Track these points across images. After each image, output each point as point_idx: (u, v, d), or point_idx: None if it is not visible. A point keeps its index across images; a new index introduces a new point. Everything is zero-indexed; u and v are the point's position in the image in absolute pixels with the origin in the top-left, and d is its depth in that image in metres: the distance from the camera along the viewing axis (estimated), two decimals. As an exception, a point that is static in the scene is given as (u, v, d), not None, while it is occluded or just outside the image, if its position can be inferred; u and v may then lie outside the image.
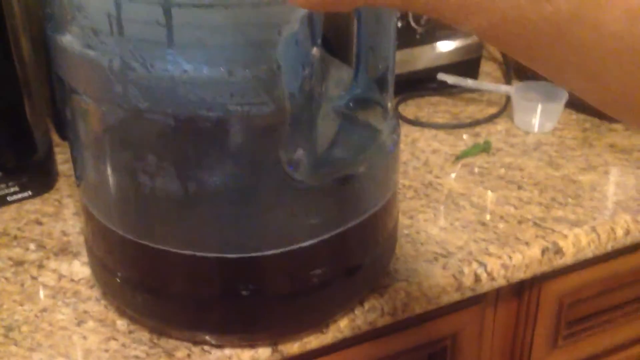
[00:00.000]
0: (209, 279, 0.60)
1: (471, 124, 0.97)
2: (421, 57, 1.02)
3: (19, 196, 0.78)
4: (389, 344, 0.74)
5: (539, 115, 0.95)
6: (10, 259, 0.71)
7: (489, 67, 1.12)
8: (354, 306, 0.67)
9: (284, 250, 0.58)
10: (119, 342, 0.62)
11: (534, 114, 0.95)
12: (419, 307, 0.70)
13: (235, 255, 0.58)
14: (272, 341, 0.64)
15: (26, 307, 0.66)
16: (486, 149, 0.91)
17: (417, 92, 1.04)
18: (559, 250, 0.76)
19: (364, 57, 0.62)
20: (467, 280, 0.72)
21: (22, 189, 0.78)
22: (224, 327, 0.62)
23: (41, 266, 0.71)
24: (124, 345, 0.62)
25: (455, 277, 0.71)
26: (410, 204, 0.81)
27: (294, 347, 0.65)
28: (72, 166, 0.82)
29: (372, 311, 0.68)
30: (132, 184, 0.56)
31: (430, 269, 0.72)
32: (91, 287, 0.68)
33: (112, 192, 0.58)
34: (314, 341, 0.66)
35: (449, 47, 1.02)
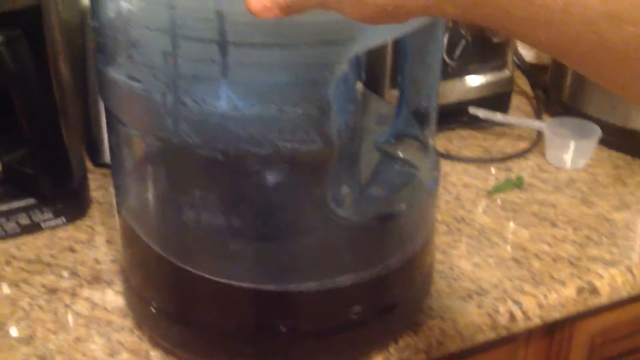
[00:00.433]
0: (245, 312, 0.59)
1: (503, 159, 0.97)
2: (452, 91, 1.02)
3: (53, 223, 0.78)
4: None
5: (572, 151, 0.94)
6: (43, 286, 0.71)
7: (518, 101, 1.12)
8: (389, 343, 0.66)
9: (322, 285, 0.58)
10: (154, 374, 0.62)
11: (567, 150, 0.95)
12: (453, 345, 0.69)
13: (273, 288, 0.57)
14: (307, 377, 0.63)
15: (60, 336, 0.65)
16: (518, 184, 0.91)
17: (448, 125, 1.04)
18: (594, 290, 0.75)
19: (407, 92, 0.62)
20: (502, 319, 0.71)
21: (56, 216, 0.78)
22: (259, 361, 0.61)
23: (74, 294, 0.70)
24: (159, 378, 0.62)
25: (490, 315, 0.71)
26: (442, 239, 0.81)
27: (328, 384, 0.64)
28: (113, 194, 0.83)
29: (407, 349, 0.67)
30: (175, 214, 0.56)
31: (464, 306, 0.71)
32: (124, 316, 0.68)
33: (153, 221, 0.58)
34: (349, 378, 0.65)
35: (480, 81, 1.02)
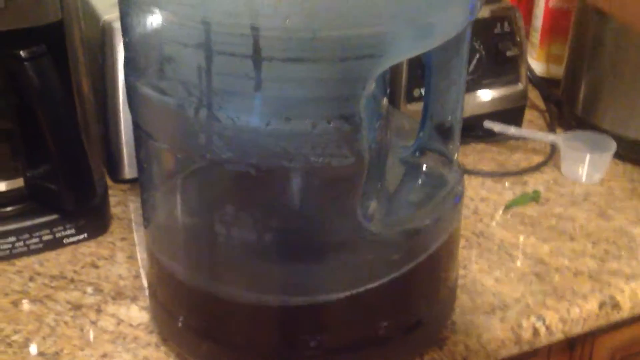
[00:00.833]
0: (273, 328, 0.59)
1: (518, 172, 0.97)
2: (467, 105, 1.01)
3: (75, 239, 0.79)
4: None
5: (587, 165, 0.95)
6: (68, 302, 0.71)
7: (530, 115, 1.12)
8: (414, 359, 0.66)
9: (350, 300, 0.58)
10: (182, 390, 0.62)
11: (582, 164, 0.95)
12: (478, 360, 0.69)
13: (303, 304, 0.58)
14: (333, 392, 0.63)
15: (87, 352, 0.65)
16: (535, 198, 0.91)
17: (462, 139, 1.03)
18: (616, 304, 0.75)
19: (432, 107, 0.63)
20: (526, 334, 0.71)
21: (78, 232, 0.78)
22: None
23: (99, 310, 0.70)
24: (187, 393, 0.62)
25: (514, 330, 0.71)
26: (463, 253, 0.81)
27: (355, 399, 0.64)
28: (133, 209, 0.83)
29: (432, 363, 0.67)
30: (205, 230, 0.56)
31: (488, 321, 0.71)
32: (150, 332, 0.68)
33: (182, 237, 0.58)
34: (374, 393, 0.65)
35: (494, 95, 1.03)
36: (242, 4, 0.46)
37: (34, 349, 0.66)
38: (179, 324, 0.62)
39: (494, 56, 1.01)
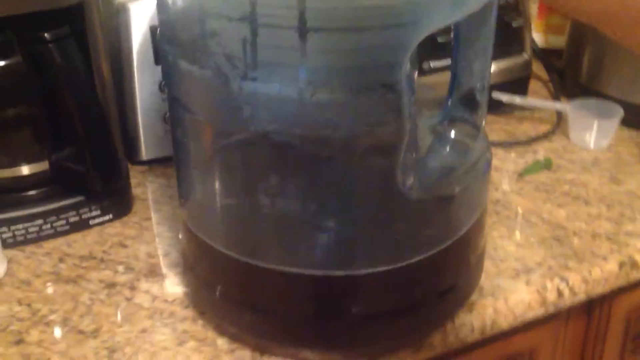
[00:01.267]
0: (315, 297, 0.61)
1: (528, 141, 0.99)
2: (474, 77, 1.03)
3: (100, 220, 0.79)
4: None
5: (595, 132, 0.97)
6: (101, 281, 0.72)
7: (533, 85, 1.14)
8: (447, 323, 0.68)
9: (389, 268, 0.59)
10: (224, 361, 0.63)
11: (590, 131, 0.97)
12: (506, 323, 0.71)
13: (343, 274, 0.59)
14: (370, 359, 0.65)
15: (125, 328, 0.66)
16: (547, 165, 0.93)
17: (471, 111, 1.05)
18: (634, 263, 0.77)
19: (460, 76, 0.64)
20: (551, 295, 0.73)
21: (103, 213, 0.79)
22: (328, 345, 0.63)
23: (133, 288, 0.71)
24: (229, 364, 0.63)
25: (539, 292, 0.72)
26: (482, 221, 0.82)
27: (391, 364, 0.66)
28: (152, 190, 0.84)
29: (463, 327, 0.69)
30: (248, 202, 0.57)
31: (514, 285, 0.73)
32: (186, 307, 0.69)
33: (225, 211, 0.59)
34: (409, 358, 0.67)
35: (500, 66, 1.04)
36: (287, -24, 0.47)
37: (72, 327, 0.67)
38: (221, 297, 0.62)
39: (500, 28, 1.01)
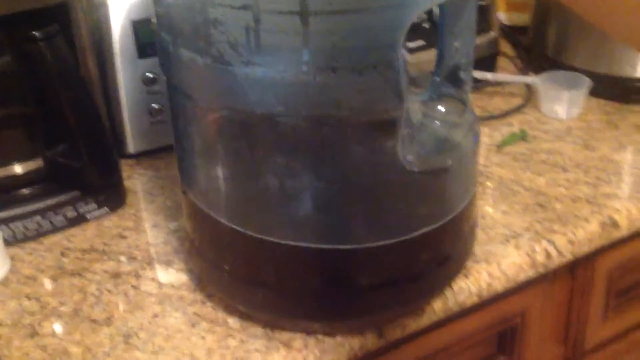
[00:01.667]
0: (323, 271, 0.63)
1: (502, 115, 1.02)
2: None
3: (97, 213, 0.81)
4: (466, 324, 0.79)
5: (566, 102, 1.00)
6: (105, 272, 0.74)
7: (501, 62, 1.17)
8: (446, 289, 0.71)
9: (394, 240, 0.62)
10: (237, 338, 0.65)
11: (561, 102, 1.01)
12: (500, 285, 0.75)
13: (350, 247, 0.61)
14: (377, 327, 0.67)
15: (137, 315, 0.68)
16: (523, 136, 0.97)
17: (445, 89, 1.08)
18: (615, 223, 0.81)
19: (446, 51, 0.66)
20: (540, 257, 0.76)
21: (99, 206, 0.80)
22: (337, 315, 0.65)
23: (138, 276, 0.73)
24: (242, 341, 0.65)
25: (529, 255, 0.76)
26: (467, 192, 0.86)
27: (396, 332, 0.69)
28: (143, 180, 0.86)
29: (461, 292, 0.72)
30: (254, 182, 0.59)
31: (504, 250, 0.76)
32: (193, 291, 0.71)
33: (234, 193, 0.61)
34: (413, 324, 0.70)
35: (470, 44, 1.07)
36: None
37: (84, 317, 0.68)
38: (230, 277, 0.65)
39: (468, 6, 1.05)
